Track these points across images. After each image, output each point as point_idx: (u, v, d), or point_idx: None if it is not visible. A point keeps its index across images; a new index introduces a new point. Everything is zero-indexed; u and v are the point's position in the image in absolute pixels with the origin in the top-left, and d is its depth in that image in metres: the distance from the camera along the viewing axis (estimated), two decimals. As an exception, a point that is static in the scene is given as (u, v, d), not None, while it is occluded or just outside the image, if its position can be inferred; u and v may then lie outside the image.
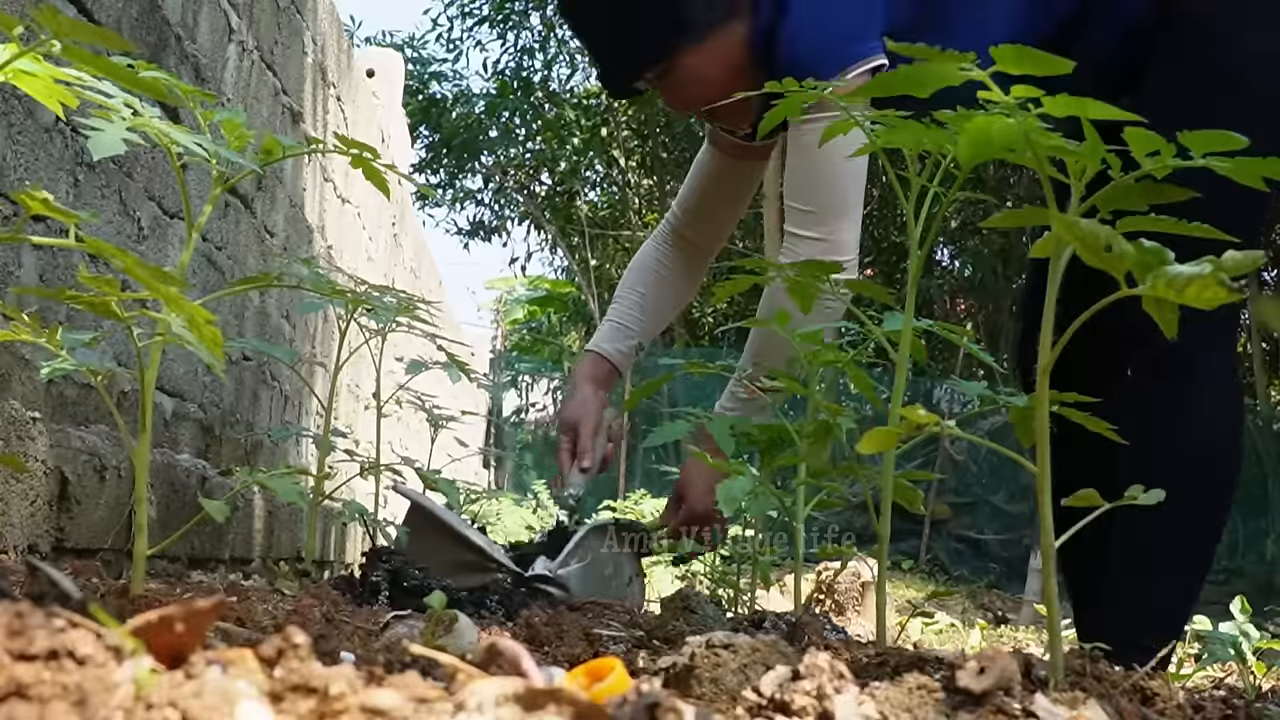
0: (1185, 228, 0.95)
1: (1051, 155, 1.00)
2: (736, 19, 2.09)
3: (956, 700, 0.79)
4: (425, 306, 2.05)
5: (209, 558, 2.45)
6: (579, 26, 2.29)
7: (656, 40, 2.09)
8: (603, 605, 1.93)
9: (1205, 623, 2.47)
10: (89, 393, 2.07)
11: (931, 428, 1.02)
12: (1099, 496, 1.06)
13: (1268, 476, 10.57)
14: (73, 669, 0.52)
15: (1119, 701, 0.92)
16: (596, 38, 2.22)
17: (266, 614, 1.29)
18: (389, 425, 3.80)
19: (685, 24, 2.07)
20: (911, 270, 1.26)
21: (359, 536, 4.29)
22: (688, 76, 2.11)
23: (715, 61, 2.09)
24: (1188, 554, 1.95)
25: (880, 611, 1.34)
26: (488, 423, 15.13)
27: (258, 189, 3.17)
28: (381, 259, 5.46)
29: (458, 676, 0.70)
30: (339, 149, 1.34)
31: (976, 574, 9.53)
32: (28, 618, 0.55)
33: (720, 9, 2.08)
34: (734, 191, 2.50)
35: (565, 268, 18.25)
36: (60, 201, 1.69)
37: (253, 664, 0.60)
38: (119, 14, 2.09)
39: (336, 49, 4.06)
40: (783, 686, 0.74)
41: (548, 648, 1.31)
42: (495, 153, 16.03)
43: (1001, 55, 0.99)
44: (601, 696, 0.69)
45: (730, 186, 2.49)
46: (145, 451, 1.27)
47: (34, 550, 1.69)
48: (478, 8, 15.42)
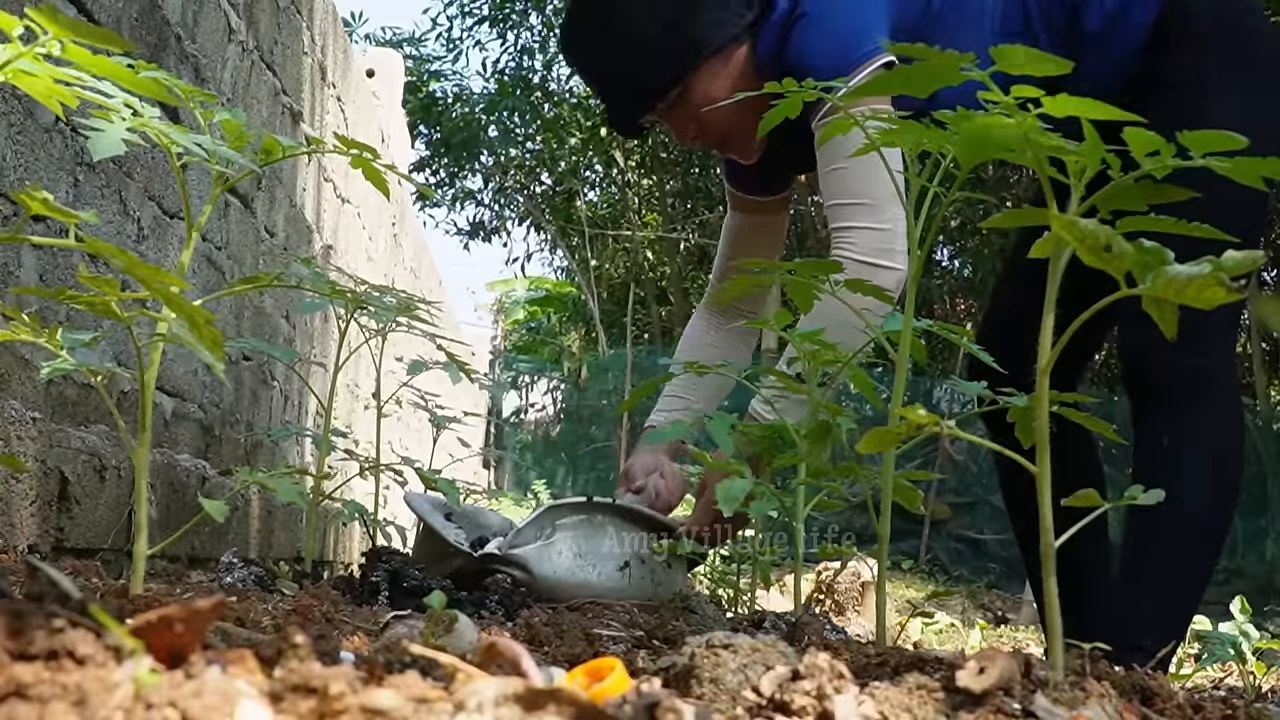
0: (1185, 228, 0.95)
1: (1051, 155, 1.00)
2: (745, 41, 2.12)
3: (956, 700, 0.79)
4: (425, 306, 2.05)
5: (209, 558, 2.45)
6: (587, 63, 2.28)
7: (669, 66, 2.11)
8: (603, 605, 1.93)
9: (1205, 623, 2.47)
10: (89, 393, 2.07)
11: (931, 428, 1.02)
12: (1098, 496, 1.06)
13: (1267, 476, 10.56)
14: (73, 669, 0.52)
15: (1119, 701, 0.92)
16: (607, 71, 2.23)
17: (266, 614, 1.29)
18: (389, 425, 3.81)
19: (697, 47, 2.09)
20: (911, 270, 1.26)
21: (359, 536, 4.29)
22: (700, 100, 2.14)
23: (726, 85, 2.11)
24: (1191, 557, 1.95)
25: (880, 611, 1.34)
26: (488, 423, 15.14)
27: (258, 189, 3.17)
28: (381, 259, 5.46)
29: (458, 676, 0.70)
30: (339, 149, 1.34)
31: (976, 574, 9.53)
32: (28, 618, 0.55)
33: (730, 31, 2.11)
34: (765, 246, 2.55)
35: (565, 268, 18.25)
36: (60, 201, 1.69)
37: (253, 664, 0.60)
38: (119, 14, 2.09)
39: (336, 49, 4.06)
40: (783, 686, 0.74)
41: (548, 648, 1.31)
42: (495, 152, 16.03)
43: (1002, 55, 0.99)
44: (601, 696, 0.69)
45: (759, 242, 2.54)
46: (145, 451, 1.27)
47: (34, 550, 1.69)
48: (478, 8, 15.43)
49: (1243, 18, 2.08)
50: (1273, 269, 12.68)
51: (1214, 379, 1.95)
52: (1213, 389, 1.95)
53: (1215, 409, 1.96)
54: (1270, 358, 13.16)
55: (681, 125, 2.22)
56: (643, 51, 2.11)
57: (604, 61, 2.21)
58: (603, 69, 2.24)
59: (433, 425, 2.50)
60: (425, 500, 2.23)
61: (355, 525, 4.10)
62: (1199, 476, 1.91)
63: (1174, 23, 2.03)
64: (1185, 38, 2.02)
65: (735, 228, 2.53)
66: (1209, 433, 1.95)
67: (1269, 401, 12.53)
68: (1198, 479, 1.91)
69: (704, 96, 2.14)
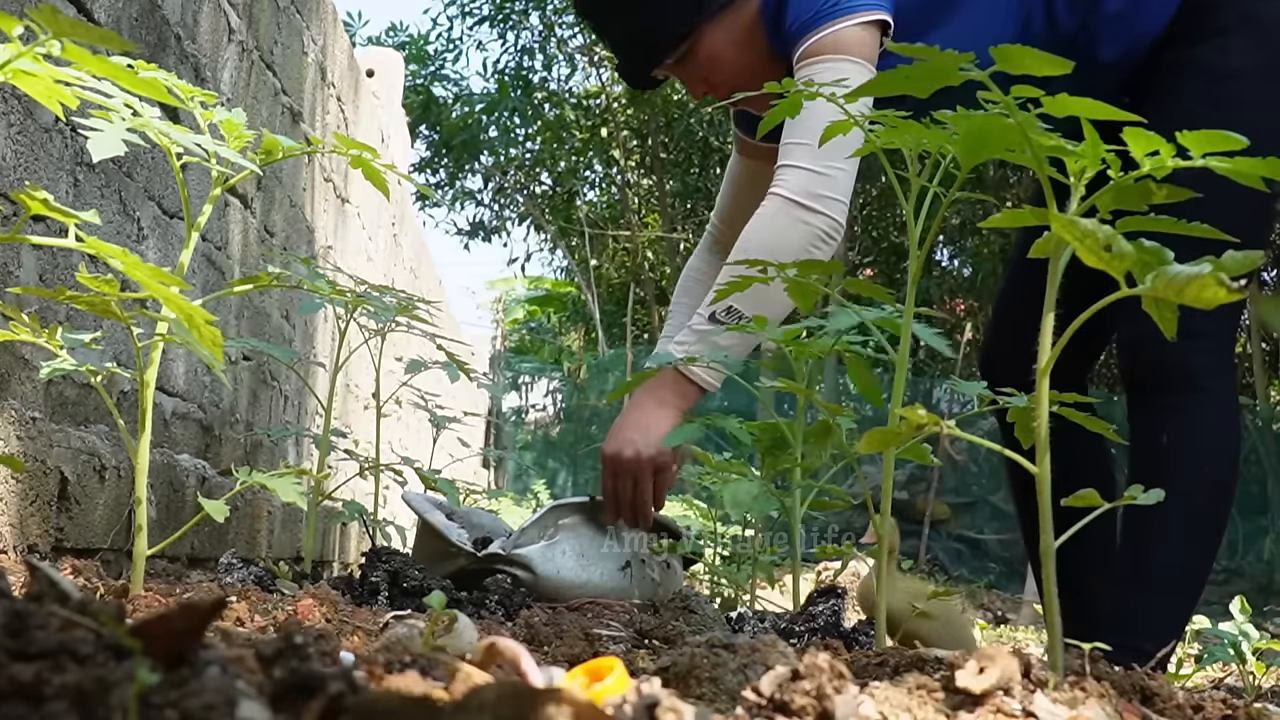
0: (1185, 228, 0.95)
1: (1051, 155, 1.00)
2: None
3: (956, 700, 0.79)
4: (425, 306, 2.05)
5: (209, 558, 2.45)
6: (598, 18, 2.29)
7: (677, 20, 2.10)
8: (602, 605, 1.93)
9: (1205, 623, 2.47)
10: (89, 393, 2.07)
11: (931, 428, 1.02)
12: (1098, 497, 1.06)
13: (1267, 476, 10.56)
14: (73, 669, 0.52)
15: (1119, 701, 0.92)
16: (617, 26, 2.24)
17: (266, 614, 1.29)
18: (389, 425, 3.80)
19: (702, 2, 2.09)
20: (911, 270, 1.26)
21: (359, 536, 4.29)
22: (708, 56, 2.14)
23: (732, 38, 2.12)
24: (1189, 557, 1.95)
25: (880, 611, 1.34)
26: (487, 423, 15.14)
27: (257, 189, 3.17)
28: (381, 259, 5.46)
29: (458, 676, 0.70)
30: (339, 149, 1.34)
31: (976, 574, 9.53)
32: (28, 618, 0.55)
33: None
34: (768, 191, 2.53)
35: (565, 268, 18.25)
36: (60, 201, 1.69)
37: (253, 664, 0.60)
38: (119, 14, 2.09)
39: (336, 49, 4.06)
40: (783, 686, 0.74)
41: (548, 648, 1.31)
42: (495, 153, 16.03)
43: (1001, 55, 0.99)
44: (601, 696, 0.69)
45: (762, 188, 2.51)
46: (145, 451, 1.27)
47: (33, 550, 1.69)
48: (478, 8, 15.43)
49: (1264, 6, 2.05)
50: (1273, 269, 12.68)
51: (1212, 378, 1.95)
52: (1210, 388, 1.95)
53: (1212, 408, 1.96)
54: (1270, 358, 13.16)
55: (692, 79, 2.21)
56: (649, 9, 2.11)
57: (614, 16, 2.22)
58: (613, 24, 2.24)
59: (433, 425, 2.50)
60: (425, 500, 2.23)
61: (355, 525, 4.10)
62: (1196, 476, 1.91)
63: (1196, 8, 2.01)
64: (1207, 24, 2.00)
65: (739, 174, 2.50)
66: (1206, 432, 1.95)
67: (1269, 401, 12.52)
68: (1195, 478, 1.91)
69: (711, 53, 2.13)
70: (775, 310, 1.92)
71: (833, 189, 1.96)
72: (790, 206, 1.96)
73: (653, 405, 2.01)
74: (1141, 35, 2.04)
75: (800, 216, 1.95)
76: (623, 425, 2.03)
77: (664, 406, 1.99)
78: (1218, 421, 1.96)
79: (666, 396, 2.00)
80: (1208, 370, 1.95)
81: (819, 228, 1.95)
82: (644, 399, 2.03)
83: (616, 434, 2.03)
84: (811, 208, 1.95)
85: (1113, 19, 2.03)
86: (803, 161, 1.97)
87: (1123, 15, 2.03)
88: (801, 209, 1.95)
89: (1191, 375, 1.93)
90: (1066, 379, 1.72)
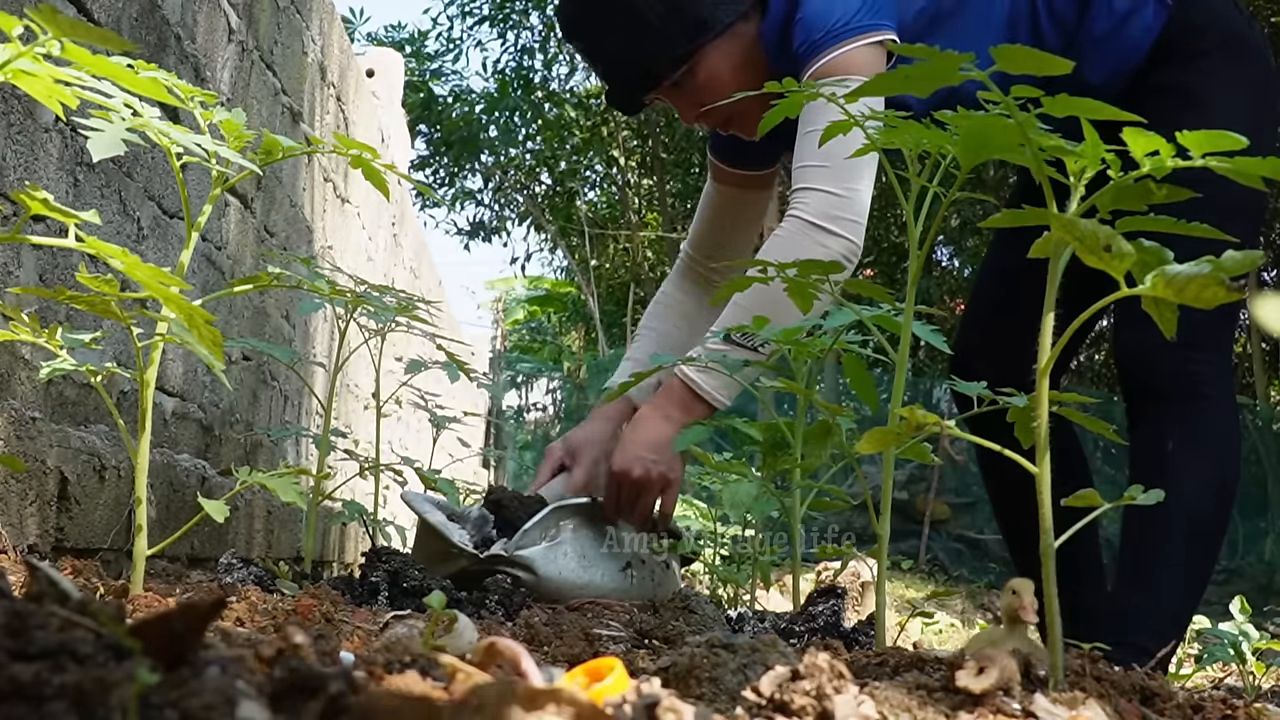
0: (1185, 227, 0.95)
1: (1050, 156, 1.00)
2: (751, 18, 2.11)
3: (956, 700, 0.79)
4: (425, 306, 2.05)
5: (209, 558, 2.45)
6: (589, 44, 2.24)
7: (674, 46, 2.09)
8: (602, 605, 1.93)
9: (1205, 623, 2.47)
10: (89, 393, 2.07)
11: (931, 428, 1.02)
12: (1098, 497, 1.06)
13: (1267, 476, 10.56)
14: (73, 669, 0.52)
15: (1119, 701, 0.92)
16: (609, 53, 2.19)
17: (266, 614, 1.29)
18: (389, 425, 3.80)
19: (702, 27, 2.08)
20: (911, 270, 1.26)
21: (359, 536, 4.29)
22: (707, 78, 2.12)
23: (732, 60, 2.10)
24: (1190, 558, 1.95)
25: (880, 611, 1.34)
26: (487, 423, 15.13)
27: (257, 189, 3.17)
28: (381, 259, 5.46)
29: (458, 676, 0.70)
30: (339, 149, 1.34)
31: (976, 574, 9.52)
32: (28, 618, 0.55)
33: (737, 9, 2.09)
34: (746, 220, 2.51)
35: (565, 268, 18.25)
36: (60, 201, 1.69)
37: (253, 664, 0.60)
38: (119, 14, 2.09)
39: (336, 49, 4.06)
40: (783, 686, 0.74)
41: (548, 648, 1.31)
42: (495, 152, 16.03)
43: (1001, 55, 0.99)
44: (601, 696, 0.69)
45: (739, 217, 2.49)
46: (145, 451, 1.27)
47: (33, 550, 1.69)
48: (478, 7, 15.43)
49: (1244, 30, 2.09)
50: (1273, 269, 12.68)
51: (1211, 380, 1.95)
52: (1209, 390, 1.95)
53: (1212, 410, 1.96)
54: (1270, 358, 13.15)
55: (685, 105, 2.19)
56: (647, 32, 2.08)
57: (607, 43, 2.18)
58: (605, 50, 2.20)
59: (432, 425, 2.50)
60: (425, 499, 2.23)
61: (355, 525, 4.10)
62: (1197, 477, 1.91)
63: (1179, 33, 2.03)
64: (1190, 48, 2.03)
65: (715, 201, 2.47)
66: (1206, 434, 1.95)
67: (1269, 401, 12.52)
68: (1196, 480, 1.91)
69: (710, 76, 2.11)
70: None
71: (851, 211, 1.96)
72: (810, 229, 1.96)
73: (661, 422, 2.01)
74: (1127, 58, 2.05)
75: (819, 239, 1.94)
76: (632, 441, 2.03)
77: (672, 423, 2.00)
78: (1218, 426, 1.97)
79: (675, 414, 2.00)
80: (1207, 377, 1.95)
81: (838, 251, 1.95)
82: (652, 415, 2.03)
83: (626, 450, 2.02)
84: (831, 230, 1.96)
85: (1099, 40, 2.04)
86: (821, 184, 1.98)
87: (1108, 38, 2.04)
88: (821, 231, 1.96)
89: (1191, 383, 1.94)
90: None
